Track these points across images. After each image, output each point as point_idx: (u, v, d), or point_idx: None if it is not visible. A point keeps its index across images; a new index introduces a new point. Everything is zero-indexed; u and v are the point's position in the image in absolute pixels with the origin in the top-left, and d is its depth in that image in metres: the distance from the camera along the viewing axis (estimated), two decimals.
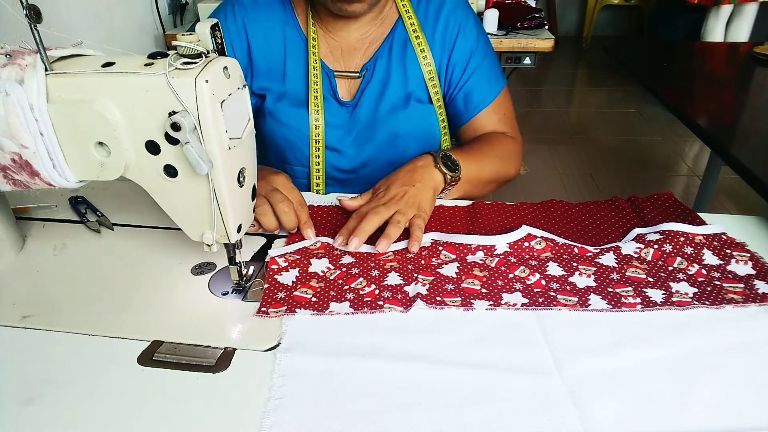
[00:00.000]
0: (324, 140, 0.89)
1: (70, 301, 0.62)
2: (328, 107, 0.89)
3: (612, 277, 0.63)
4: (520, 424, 0.46)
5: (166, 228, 0.75)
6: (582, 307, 0.59)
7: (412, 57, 0.88)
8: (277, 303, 0.60)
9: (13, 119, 0.51)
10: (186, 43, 0.49)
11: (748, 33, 3.17)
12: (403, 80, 0.88)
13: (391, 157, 0.91)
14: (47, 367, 0.53)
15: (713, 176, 1.73)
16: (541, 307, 0.59)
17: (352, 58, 0.90)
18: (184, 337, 0.56)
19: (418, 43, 0.88)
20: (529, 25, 2.00)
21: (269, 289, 0.62)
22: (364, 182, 0.92)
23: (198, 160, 0.49)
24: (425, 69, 0.88)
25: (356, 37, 0.89)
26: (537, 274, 0.64)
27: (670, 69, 1.50)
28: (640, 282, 0.63)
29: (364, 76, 0.89)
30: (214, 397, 0.49)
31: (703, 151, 2.73)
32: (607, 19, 4.86)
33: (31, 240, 0.73)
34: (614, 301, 0.60)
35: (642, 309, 0.59)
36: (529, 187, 2.47)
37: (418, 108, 0.88)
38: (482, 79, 0.90)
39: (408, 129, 0.89)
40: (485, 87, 0.90)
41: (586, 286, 0.62)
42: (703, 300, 0.60)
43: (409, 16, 0.88)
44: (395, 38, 0.88)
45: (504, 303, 0.60)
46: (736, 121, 1.17)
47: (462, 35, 0.88)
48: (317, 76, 0.87)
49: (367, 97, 0.89)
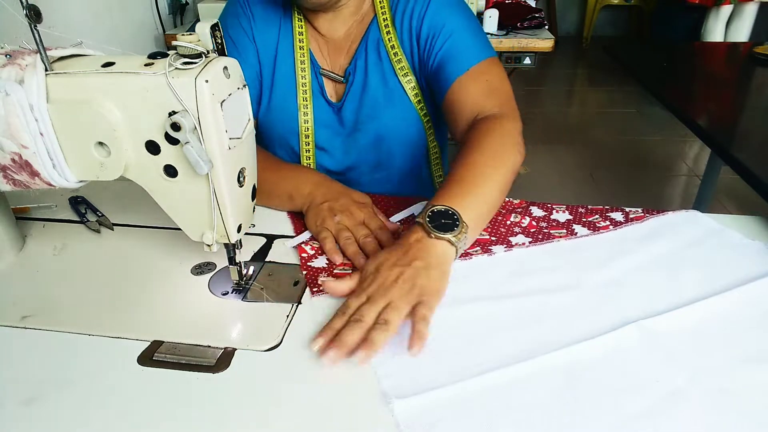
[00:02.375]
0: (314, 135, 0.88)
1: (70, 301, 0.62)
2: (317, 104, 0.88)
3: (580, 211, 0.78)
4: (573, 325, 0.57)
5: (166, 228, 0.75)
6: (571, 236, 0.72)
7: (385, 56, 0.86)
8: (320, 275, 0.65)
9: (13, 119, 0.51)
10: (186, 43, 0.49)
11: (748, 33, 3.17)
12: (381, 80, 0.87)
13: (378, 159, 0.90)
14: (47, 367, 0.53)
15: (713, 176, 1.73)
16: (544, 242, 0.70)
17: (337, 58, 0.89)
18: (184, 337, 0.56)
19: (389, 39, 0.85)
20: (529, 25, 2.00)
21: (308, 274, 0.65)
22: (352, 185, 0.89)
23: (198, 160, 0.49)
24: (397, 66, 0.86)
25: (340, 34, 0.88)
26: (527, 217, 0.76)
27: (670, 69, 1.50)
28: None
29: (348, 79, 0.88)
30: (214, 397, 0.49)
31: (703, 151, 2.73)
32: (607, 19, 4.86)
33: (31, 240, 0.73)
34: (593, 227, 0.74)
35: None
36: (529, 187, 2.47)
37: (398, 104, 0.87)
38: (456, 49, 0.81)
39: (390, 129, 0.88)
40: (460, 56, 0.81)
41: (566, 220, 0.75)
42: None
43: (383, 12, 0.85)
44: (369, 39, 0.87)
45: (515, 244, 0.70)
46: (736, 121, 1.17)
47: (431, 10, 0.82)
48: (305, 69, 0.87)
49: (350, 100, 0.88)
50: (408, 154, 0.92)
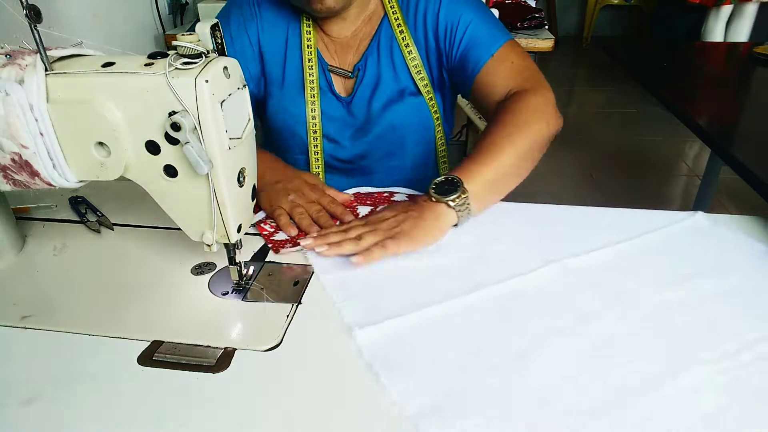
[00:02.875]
0: (321, 130, 0.91)
1: (70, 301, 0.62)
2: (326, 99, 0.90)
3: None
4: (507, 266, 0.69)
5: (166, 228, 0.75)
6: None
7: (398, 54, 0.88)
8: (285, 245, 0.70)
9: (13, 119, 0.51)
10: (186, 43, 0.49)
11: (748, 33, 3.17)
12: (393, 77, 0.89)
13: (390, 148, 0.92)
14: (47, 367, 0.53)
15: (713, 176, 1.73)
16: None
17: (345, 55, 0.91)
18: (184, 337, 0.56)
19: (403, 38, 0.88)
20: (529, 25, 2.01)
21: (274, 246, 0.71)
22: (364, 172, 0.95)
23: (198, 160, 0.49)
24: (411, 64, 0.88)
25: (347, 35, 0.90)
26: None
27: (670, 69, 1.50)
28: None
29: (357, 75, 0.90)
30: (214, 397, 0.49)
31: (703, 151, 2.73)
32: (607, 19, 4.86)
33: (31, 240, 0.74)
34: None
35: None
36: (529, 187, 2.45)
37: (411, 101, 0.89)
38: (477, 37, 0.85)
39: (404, 121, 0.90)
40: (482, 43, 0.85)
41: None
42: None
43: (393, 12, 0.88)
44: (381, 36, 0.89)
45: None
46: (736, 121, 1.17)
47: (444, 5, 0.86)
48: (312, 67, 0.89)
49: (360, 95, 0.90)
50: (421, 143, 0.94)
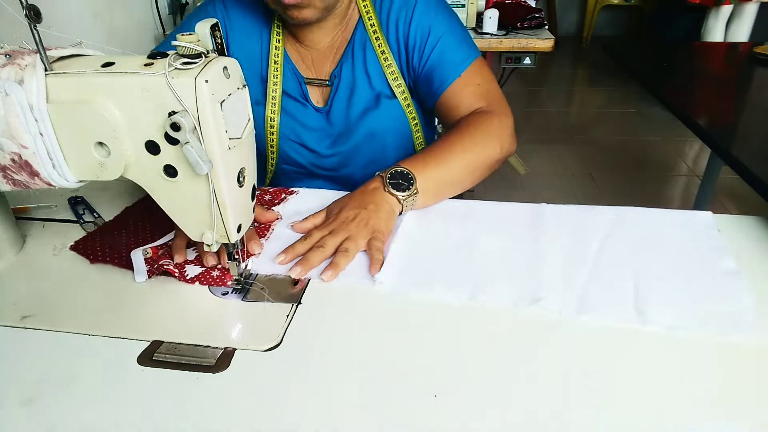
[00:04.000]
0: (278, 151, 0.92)
1: (70, 301, 0.62)
2: (305, 112, 0.90)
3: None
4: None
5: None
6: None
7: (372, 58, 0.87)
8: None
9: (13, 119, 0.51)
10: (186, 43, 0.49)
11: (748, 33, 3.17)
12: (368, 82, 0.87)
13: (371, 154, 0.91)
14: (47, 367, 0.53)
15: (713, 176, 1.73)
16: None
17: (321, 66, 0.90)
18: (184, 337, 0.56)
19: (378, 44, 0.86)
20: (529, 25, 2.00)
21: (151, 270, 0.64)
22: (347, 180, 0.94)
23: (198, 160, 0.49)
24: (387, 70, 0.87)
25: (324, 44, 0.88)
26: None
27: (670, 69, 1.50)
28: None
29: (333, 83, 0.88)
30: (214, 397, 0.49)
31: (703, 151, 2.73)
32: (607, 19, 4.87)
33: (31, 240, 0.73)
34: None
35: None
36: (529, 187, 2.47)
37: (388, 105, 0.88)
38: (445, 55, 0.84)
39: (382, 126, 0.89)
40: (450, 62, 0.84)
41: None
42: None
43: (369, 17, 0.86)
44: (356, 41, 0.87)
45: None
46: (736, 121, 1.17)
47: (416, 16, 0.84)
48: (277, 84, 0.88)
49: (337, 103, 0.89)
50: (401, 148, 0.93)
